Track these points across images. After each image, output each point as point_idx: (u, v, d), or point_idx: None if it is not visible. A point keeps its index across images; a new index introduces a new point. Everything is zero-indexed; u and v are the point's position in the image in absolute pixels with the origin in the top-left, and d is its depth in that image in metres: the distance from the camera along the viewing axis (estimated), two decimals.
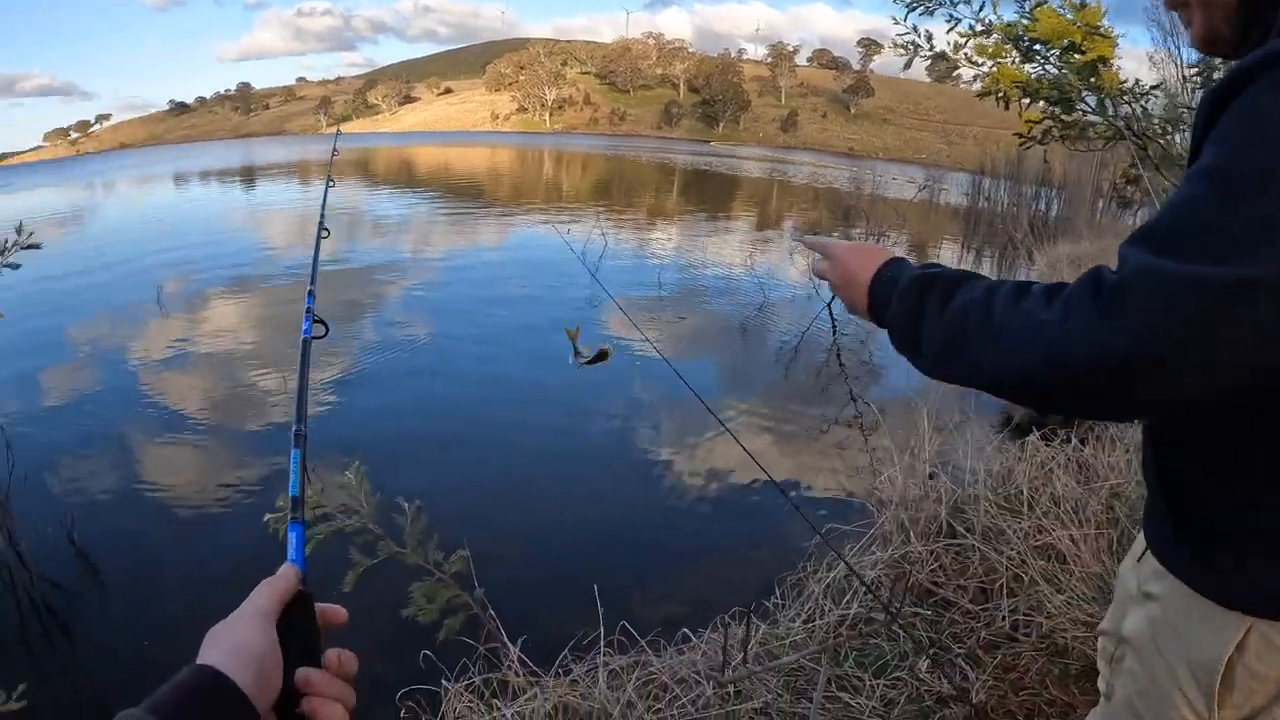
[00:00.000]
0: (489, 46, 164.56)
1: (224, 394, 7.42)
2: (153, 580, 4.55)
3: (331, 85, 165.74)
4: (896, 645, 2.77)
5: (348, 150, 62.59)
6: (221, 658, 0.66)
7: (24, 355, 8.79)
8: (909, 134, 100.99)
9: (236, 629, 0.70)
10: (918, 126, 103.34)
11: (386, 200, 26.44)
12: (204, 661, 0.66)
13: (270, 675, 0.68)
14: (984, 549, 3.29)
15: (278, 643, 0.71)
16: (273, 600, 0.74)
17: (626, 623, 2.64)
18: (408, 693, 2.46)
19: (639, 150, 57.79)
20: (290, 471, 0.96)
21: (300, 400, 1.12)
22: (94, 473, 5.91)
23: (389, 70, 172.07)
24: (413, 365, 8.03)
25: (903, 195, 20.08)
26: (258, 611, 0.72)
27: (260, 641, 0.69)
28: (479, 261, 13.96)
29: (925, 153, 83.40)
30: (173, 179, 41.76)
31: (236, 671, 0.65)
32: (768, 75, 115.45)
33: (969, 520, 3.48)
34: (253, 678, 0.66)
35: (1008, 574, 3.11)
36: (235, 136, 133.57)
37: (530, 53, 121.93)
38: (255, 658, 0.68)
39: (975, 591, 3.19)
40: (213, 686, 0.64)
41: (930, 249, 14.51)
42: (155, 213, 24.82)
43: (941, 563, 3.32)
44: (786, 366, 7.94)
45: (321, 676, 0.72)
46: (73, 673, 4.08)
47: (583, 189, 30.04)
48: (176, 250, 15.41)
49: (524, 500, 5.23)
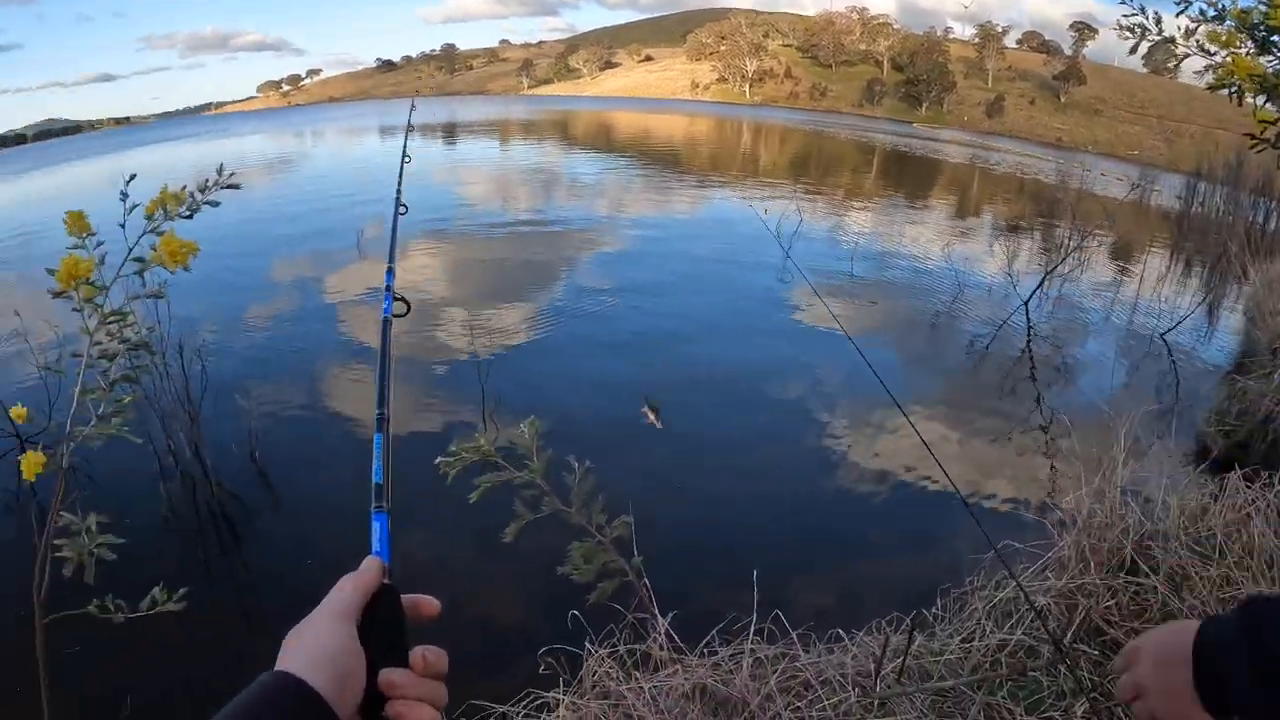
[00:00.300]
0: (690, 15, 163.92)
1: (412, 335, 7.79)
2: (324, 504, 4.85)
3: (533, 48, 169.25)
4: (1056, 682, 2.58)
5: (548, 112, 64.58)
6: (299, 663, 0.63)
7: (229, 287, 9.61)
8: (1121, 128, 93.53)
9: (315, 631, 0.67)
10: (1130, 120, 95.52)
11: (585, 162, 27.06)
12: (282, 667, 0.63)
13: (351, 678, 0.65)
14: (1165, 592, 3.01)
15: (359, 643, 0.68)
16: (353, 597, 0.71)
17: (780, 611, 2.57)
18: (550, 650, 2.48)
19: (838, 127, 56.29)
20: (373, 457, 0.91)
21: (382, 382, 1.08)
22: (280, 399, 6.35)
23: (590, 36, 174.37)
24: (598, 327, 8.21)
25: (1109, 193, 18.73)
26: (336, 611, 0.69)
27: (339, 643, 0.66)
28: (672, 230, 14.06)
29: (1138, 149, 77.33)
30: (378, 131, 44.06)
31: (315, 677, 0.62)
32: (974, 56, 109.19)
33: (1154, 558, 3.19)
34: (332, 682, 0.63)
35: None
36: (439, 94, 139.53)
37: (732, 23, 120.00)
38: (333, 661, 0.64)
39: None
40: (292, 694, 0.61)
41: (1136, 253, 13.45)
42: (360, 162, 26.30)
43: (1118, 600, 3.06)
44: (975, 364, 7.57)
45: (406, 678, 0.68)
46: (238, 578, 4.44)
47: (780, 163, 29.67)
48: (377, 198, 16.27)
49: (692, 473, 5.23)
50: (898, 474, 5.30)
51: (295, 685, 0.61)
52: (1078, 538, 3.27)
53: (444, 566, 4.30)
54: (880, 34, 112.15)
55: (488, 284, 10.05)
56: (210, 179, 1.77)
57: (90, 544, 1.89)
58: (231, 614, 4.03)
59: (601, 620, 2.57)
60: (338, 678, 0.63)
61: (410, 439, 5.59)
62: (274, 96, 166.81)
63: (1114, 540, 3.27)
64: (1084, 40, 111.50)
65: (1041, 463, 5.27)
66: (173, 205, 1.76)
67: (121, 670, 3.45)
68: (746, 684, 2.24)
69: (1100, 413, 4.87)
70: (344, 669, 0.65)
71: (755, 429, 5.97)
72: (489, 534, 2.35)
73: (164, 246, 1.67)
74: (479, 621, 3.82)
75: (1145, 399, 6.14)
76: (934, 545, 4.38)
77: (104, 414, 1.87)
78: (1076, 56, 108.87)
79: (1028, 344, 7.77)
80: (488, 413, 5.93)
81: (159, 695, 3.39)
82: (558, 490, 2.33)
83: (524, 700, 2.38)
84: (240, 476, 5.20)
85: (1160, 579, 3.06)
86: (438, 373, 6.92)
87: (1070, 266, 9.51)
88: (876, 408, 6.05)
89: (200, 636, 3.62)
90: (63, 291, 1.75)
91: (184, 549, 4.62)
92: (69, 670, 3.17)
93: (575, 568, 2.31)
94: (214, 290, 9.25)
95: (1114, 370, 7.55)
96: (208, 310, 8.44)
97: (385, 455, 0.93)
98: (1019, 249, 12.17)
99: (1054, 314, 9.05)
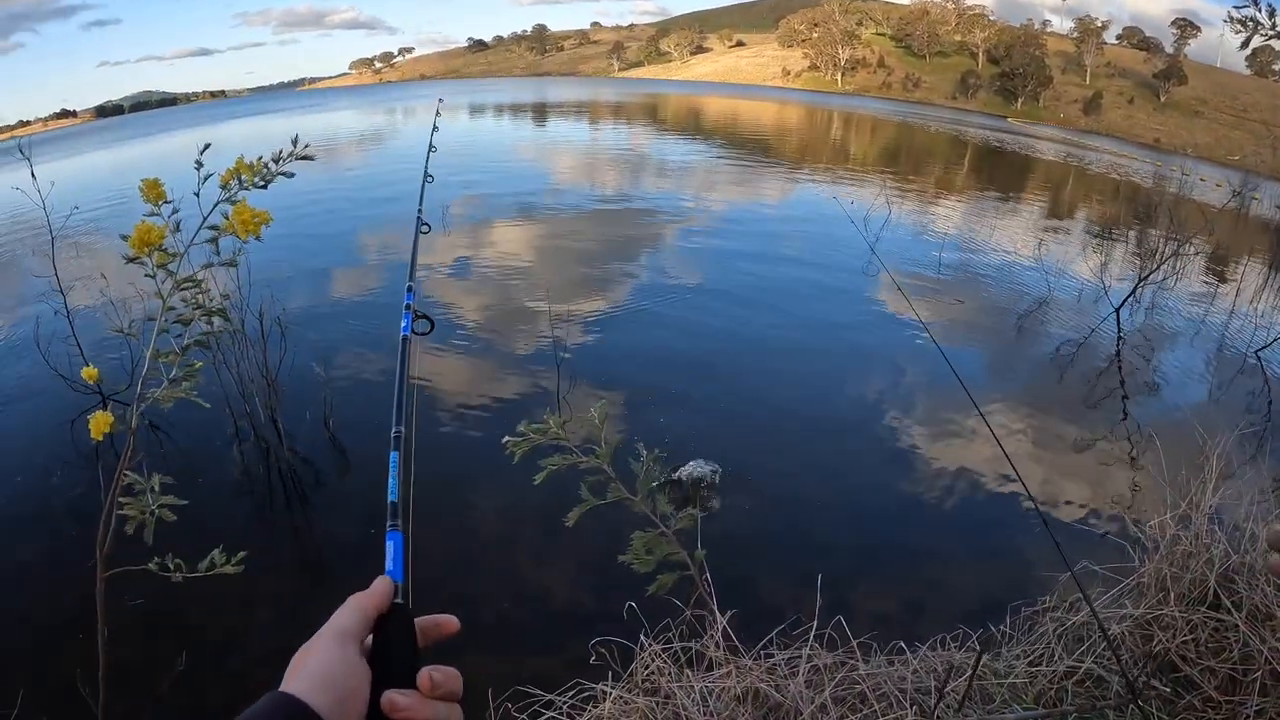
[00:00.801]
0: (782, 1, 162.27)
1: (491, 311, 7.93)
2: None
3: (624, 31, 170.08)
4: (1124, 717, 2.46)
5: (639, 95, 64.75)
6: (301, 683, 0.64)
7: (313, 256, 9.85)
8: (1221, 131, 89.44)
9: (317, 651, 0.67)
10: (1232, 123, 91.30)
11: (673, 145, 27.11)
12: (285, 688, 0.64)
13: (351, 699, 0.65)
14: (1246, 631, 2.84)
15: (361, 664, 0.68)
16: (357, 617, 0.71)
17: (842, 617, 2.50)
18: (602, 640, 2.46)
19: (931, 120, 55.11)
20: (389, 475, 0.92)
21: (399, 401, 1.08)
22: (355, 368, 6.50)
23: (681, 19, 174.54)
24: (677, 315, 8.17)
25: (1207, 199, 17.98)
26: (339, 631, 0.69)
27: (340, 663, 0.66)
28: (756, 219, 13.92)
29: (1239, 154, 74.00)
30: (468, 109, 44.68)
31: (316, 698, 0.62)
32: (1073, 51, 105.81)
33: (1237, 594, 3.01)
34: (333, 704, 0.63)
35: (1266, 668, 2.66)
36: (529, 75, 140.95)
37: (825, 10, 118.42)
38: (334, 682, 0.65)
39: (1225, 678, 2.76)
40: (291, 715, 0.61)
41: (1233, 264, 12.87)
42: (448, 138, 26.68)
43: (1196, 636, 2.90)
44: (1060, 370, 7.29)
45: (410, 699, 0.67)
46: (303, 541, 4.56)
47: (870, 155, 29.19)
48: (464, 175, 16.49)
49: (760, 469, 5.15)
50: (971, 481, 5.15)
51: (294, 705, 0.62)
52: (1158, 565, 3.11)
53: (504, 546, 4.34)
54: (976, 24, 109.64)
55: (570, 263, 10.12)
56: (284, 150, 1.79)
57: (153, 504, 1.93)
58: (294, 576, 4.15)
59: (658, 613, 2.53)
60: (339, 699, 0.64)
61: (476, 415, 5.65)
62: (366, 74, 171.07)
63: (1197, 571, 3.09)
64: (1186, 38, 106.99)
65: (1123, 480, 5.07)
66: (248, 175, 1.78)
67: (182, 625, 3.56)
68: (801, 692, 2.18)
69: (1185, 430, 4.68)
70: (344, 690, 0.65)
71: (828, 425, 5.89)
72: (554, 516, 2.34)
73: (236, 216, 1.69)
74: (533, 605, 3.85)
75: (1234, 418, 5.86)
76: (1003, 559, 4.26)
77: (174, 378, 1.91)
78: (1178, 54, 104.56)
79: (1117, 353, 7.48)
80: (561, 393, 5.97)
81: (218, 651, 3.48)
82: (622, 477, 2.29)
83: (571, 690, 2.36)
84: (313, 443, 5.33)
85: (1242, 616, 2.89)
86: (514, 348, 7.00)
87: (1164, 274, 9.14)
88: (953, 410, 5.92)
89: (262, 596, 3.74)
90: (136, 257, 1.79)
91: (253, 510, 4.76)
92: (130, 623, 3.27)
93: (636, 557, 2.28)
94: (299, 259, 9.54)
95: (1203, 386, 7.23)
96: (292, 278, 8.68)
97: (400, 474, 0.94)
98: (1112, 253, 11.76)
99: (1145, 322, 8.71)
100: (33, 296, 7.86)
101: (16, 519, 4.60)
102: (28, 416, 5.89)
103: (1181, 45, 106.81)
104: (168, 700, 3.15)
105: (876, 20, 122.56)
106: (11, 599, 3.90)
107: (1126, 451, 5.51)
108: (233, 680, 3.28)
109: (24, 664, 3.39)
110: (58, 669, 3.20)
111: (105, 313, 6.33)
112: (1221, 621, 2.88)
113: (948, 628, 2.69)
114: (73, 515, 4.54)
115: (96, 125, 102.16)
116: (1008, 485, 4.98)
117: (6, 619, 3.75)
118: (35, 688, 3.13)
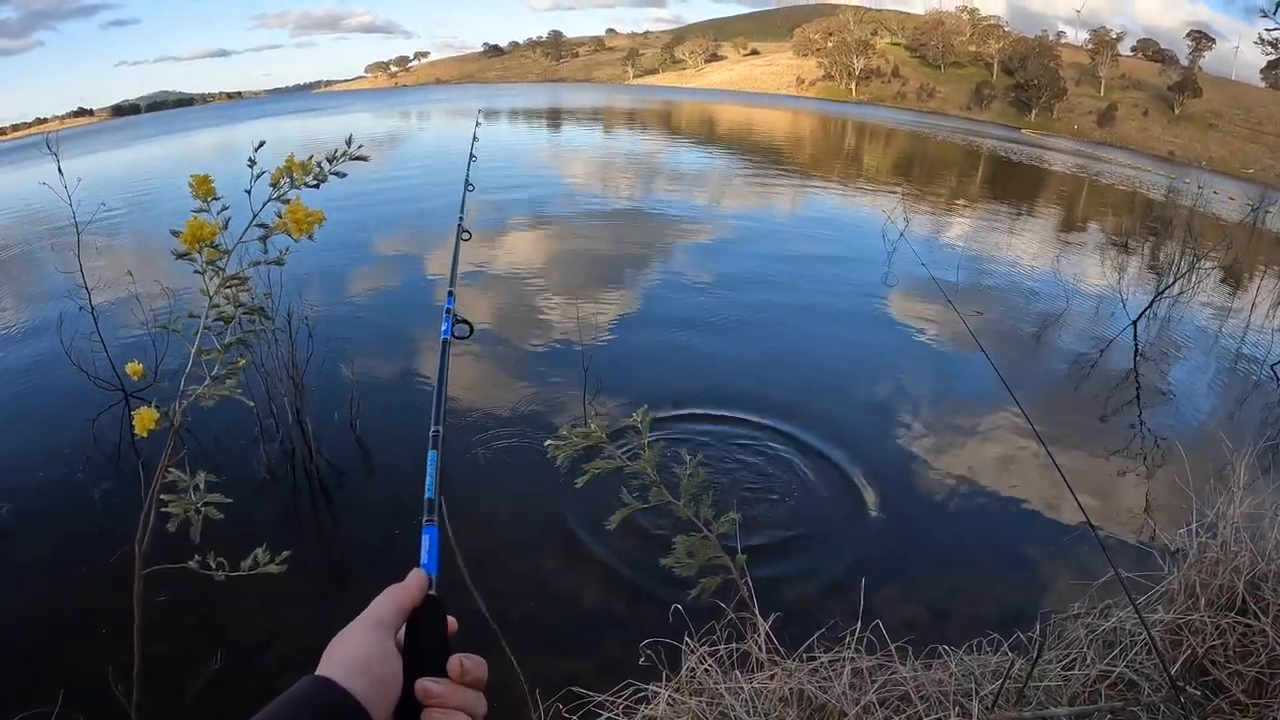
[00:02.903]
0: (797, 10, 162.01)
1: (511, 313, 7.95)
2: (416, 478, 4.92)
3: (639, 38, 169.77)
4: (1157, 717, 2.49)
5: (653, 101, 64.84)
6: (338, 669, 0.66)
7: (336, 257, 9.87)
8: (1236, 144, 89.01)
9: (353, 639, 0.70)
10: (1247, 137, 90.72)
11: (687, 152, 27.16)
12: (321, 672, 0.66)
13: (385, 685, 0.68)
14: (1273, 636, 2.87)
15: (393, 651, 0.70)
16: (392, 608, 0.73)
17: (880, 621, 2.53)
18: (650, 643, 2.49)
19: (944, 130, 54.91)
20: (427, 473, 0.95)
21: (439, 401, 1.10)
22: (382, 370, 6.54)
23: (695, 27, 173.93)
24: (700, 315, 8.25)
25: (1222, 213, 17.93)
26: (374, 620, 0.72)
27: (373, 650, 0.69)
28: (771, 227, 13.97)
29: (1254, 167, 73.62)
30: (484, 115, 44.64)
31: (352, 682, 0.65)
32: (1087, 62, 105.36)
33: (1264, 599, 3.04)
34: (368, 689, 0.65)
35: None
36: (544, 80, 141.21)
37: (839, 19, 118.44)
38: (369, 668, 0.67)
39: (1252, 682, 2.80)
40: (329, 698, 0.64)
41: (1249, 278, 12.85)
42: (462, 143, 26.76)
43: (1225, 640, 2.93)
44: (1079, 382, 7.30)
45: (443, 688, 0.70)
46: (328, 541, 4.58)
47: (884, 165, 29.15)
48: (480, 178, 16.49)
49: (798, 472, 5.16)
50: (1003, 489, 5.18)
51: (332, 689, 0.64)
52: (1187, 572, 3.14)
53: (547, 549, 4.35)
54: (991, 35, 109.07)
55: (586, 268, 10.19)
56: (338, 149, 1.79)
57: (197, 501, 1.94)
58: (320, 576, 4.17)
59: (702, 616, 2.56)
60: (373, 684, 0.66)
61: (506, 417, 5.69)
62: (381, 77, 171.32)
63: (1225, 578, 3.12)
64: (1201, 50, 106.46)
65: (1145, 491, 5.09)
66: (299, 174, 1.77)
67: (209, 624, 3.58)
68: (845, 693, 2.21)
69: (1203, 442, 4.69)
70: (378, 676, 0.68)
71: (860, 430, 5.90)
72: (596, 519, 2.37)
73: (290, 214, 1.67)
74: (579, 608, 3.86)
75: (1252, 431, 5.88)
76: (1035, 566, 4.27)
77: (218, 375, 1.93)
78: (1193, 67, 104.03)
79: (1135, 366, 7.49)
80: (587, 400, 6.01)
81: (247, 650, 3.50)
82: (665, 482, 2.32)
83: (623, 691, 2.38)
84: (339, 444, 5.36)
85: (1269, 621, 2.92)
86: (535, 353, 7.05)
87: (1180, 288, 9.15)
88: (977, 414, 5.98)
89: (289, 595, 3.75)
90: (186, 254, 1.78)
91: (279, 510, 4.79)
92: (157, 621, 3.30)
93: (678, 561, 2.31)
94: (324, 260, 9.56)
95: (1220, 399, 7.23)
96: (317, 279, 8.71)
97: (438, 472, 0.96)
98: (1128, 266, 11.76)
99: (1160, 335, 8.71)
100: (57, 293, 7.93)
101: (42, 515, 4.63)
102: (51, 413, 5.93)
103: (1196, 58, 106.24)
104: (199, 699, 3.18)
105: (891, 30, 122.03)
106: (38, 595, 3.94)
107: (1148, 462, 5.52)
108: (261, 679, 3.31)
109: (56, 660, 3.43)
110: (87, 666, 3.22)
111: (131, 310, 6.39)
112: (1249, 626, 2.91)
113: (979, 633, 2.71)
114: (99, 512, 4.58)
115: (114, 124, 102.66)
116: (1034, 493, 5.01)
117: (36, 615, 3.79)
118: (67, 685, 3.13)
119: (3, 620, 3.77)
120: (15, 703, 3.03)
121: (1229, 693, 2.71)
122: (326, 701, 0.64)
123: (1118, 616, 2.66)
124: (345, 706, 0.64)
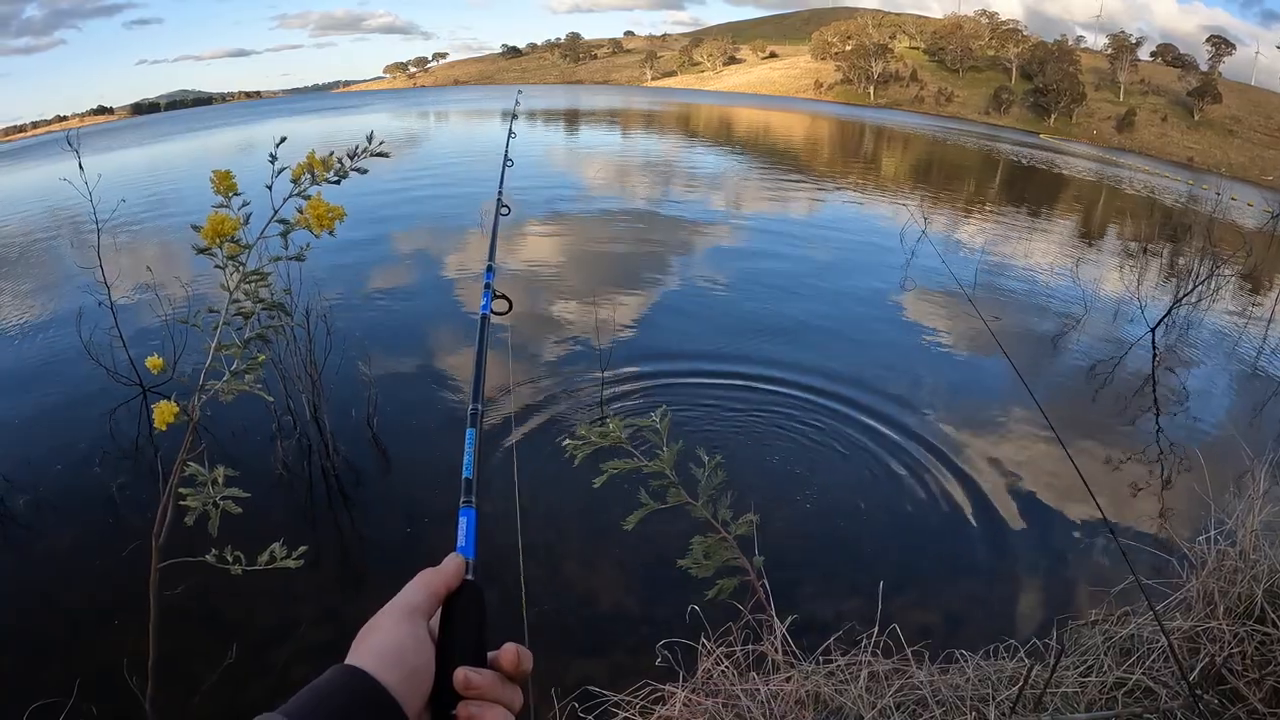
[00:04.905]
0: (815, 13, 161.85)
1: (531, 313, 7.93)
2: (432, 476, 4.96)
3: (657, 41, 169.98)
4: None
5: (671, 104, 64.85)
6: (369, 658, 0.64)
7: (355, 255, 9.90)
8: (1256, 150, 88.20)
9: (384, 627, 0.67)
10: (1266, 143, 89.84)
11: (703, 154, 27.15)
12: (352, 661, 0.64)
13: (418, 674, 0.65)
14: None
15: (427, 640, 0.67)
16: (425, 594, 0.70)
17: (897, 625, 2.52)
18: (667, 644, 2.49)
19: (963, 135, 54.61)
20: (465, 451, 0.90)
21: (478, 378, 1.06)
22: (400, 368, 6.55)
23: (714, 30, 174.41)
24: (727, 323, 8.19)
25: (1241, 219, 17.79)
26: (406, 607, 0.68)
27: (405, 640, 0.66)
28: (788, 231, 13.87)
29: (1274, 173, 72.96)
30: (500, 115, 44.77)
31: (384, 673, 0.62)
32: (1106, 68, 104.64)
33: None
34: (400, 679, 0.63)
35: None
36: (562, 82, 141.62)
37: (858, 23, 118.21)
38: (401, 657, 0.64)
39: (1270, 690, 2.77)
40: (360, 688, 0.61)
41: (1267, 285, 12.74)
42: (483, 144, 26.86)
43: (1244, 649, 2.91)
44: (1096, 390, 7.25)
45: (483, 678, 0.67)
46: (345, 537, 4.59)
47: (902, 169, 29.05)
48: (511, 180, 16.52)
49: (816, 474, 5.17)
50: (1020, 494, 5.15)
51: (365, 680, 0.62)
52: (1205, 580, 3.12)
53: (563, 548, 4.36)
54: (1010, 40, 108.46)
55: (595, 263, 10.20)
56: (360, 145, 1.78)
57: (216, 495, 1.95)
58: (335, 572, 4.19)
59: (719, 617, 2.55)
60: (405, 674, 0.64)
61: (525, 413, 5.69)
62: (400, 77, 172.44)
63: (1244, 586, 3.10)
64: (1220, 55, 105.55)
65: (1163, 498, 5.05)
66: (320, 170, 1.76)
67: (222, 618, 3.60)
68: (861, 696, 2.21)
69: (1220, 450, 4.65)
70: (411, 665, 0.65)
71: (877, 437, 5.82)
72: (613, 518, 2.37)
73: (311, 210, 1.64)
74: (595, 608, 3.87)
75: (1270, 439, 5.83)
76: (1051, 572, 4.25)
77: (237, 370, 1.93)
78: (1212, 72, 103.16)
79: (1153, 373, 7.44)
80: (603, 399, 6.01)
81: (260, 644, 3.50)
82: (684, 482, 2.31)
83: (639, 690, 2.38)
84: (355, 441, 5.37)
85: None
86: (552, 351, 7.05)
87: (1199, 295, 9.08)
88: (994, 418, 5.97)
89: (303, 591, 3.77)
90: (207, 249, 1.78)
91: (294, 506, 4.79)
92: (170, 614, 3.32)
93: (695, 562, 2.31)
94: (341, 257, 9.59)
95: (1239, 407, 7.17)
96: (334, 276, 8.75)
97: (477, 451, 0.92)
98: (1146, 272, 11.68)
99: (1179, 342, 8.65)
100: (77, 288, 8.00)
101: (60, 508, 4.65)
102: (70, 407, 5.94)
103: (1216, 63, 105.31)
104: (212, 693, 3.19)
105: (910, 34, 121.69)
106: (54, 587, 3.96)
107: (1163, 470, 5.48)
108: (275, 675, 3.30)
109: (71, 652, 3.45)
110: (102, 657, 3.26)
111: (149, 306, 6.42)
112: (1267, 635, 2.89)
113: (995, 638, 2.70)
114: (116, 505, 4.60)
115: (133, 122, 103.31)
116: (1050, 500, 4.98)
117: (52, 606, 3.81)
118: (82, 676, 3.17)
119: (20, 611, 3.80)
120: (32, 693, 3.06)
121: (1246, 701, 2.68)
122: (359, 694, 0.61)
123: (1135, 623, 2.64)
124: (379, 701, 0.61)
